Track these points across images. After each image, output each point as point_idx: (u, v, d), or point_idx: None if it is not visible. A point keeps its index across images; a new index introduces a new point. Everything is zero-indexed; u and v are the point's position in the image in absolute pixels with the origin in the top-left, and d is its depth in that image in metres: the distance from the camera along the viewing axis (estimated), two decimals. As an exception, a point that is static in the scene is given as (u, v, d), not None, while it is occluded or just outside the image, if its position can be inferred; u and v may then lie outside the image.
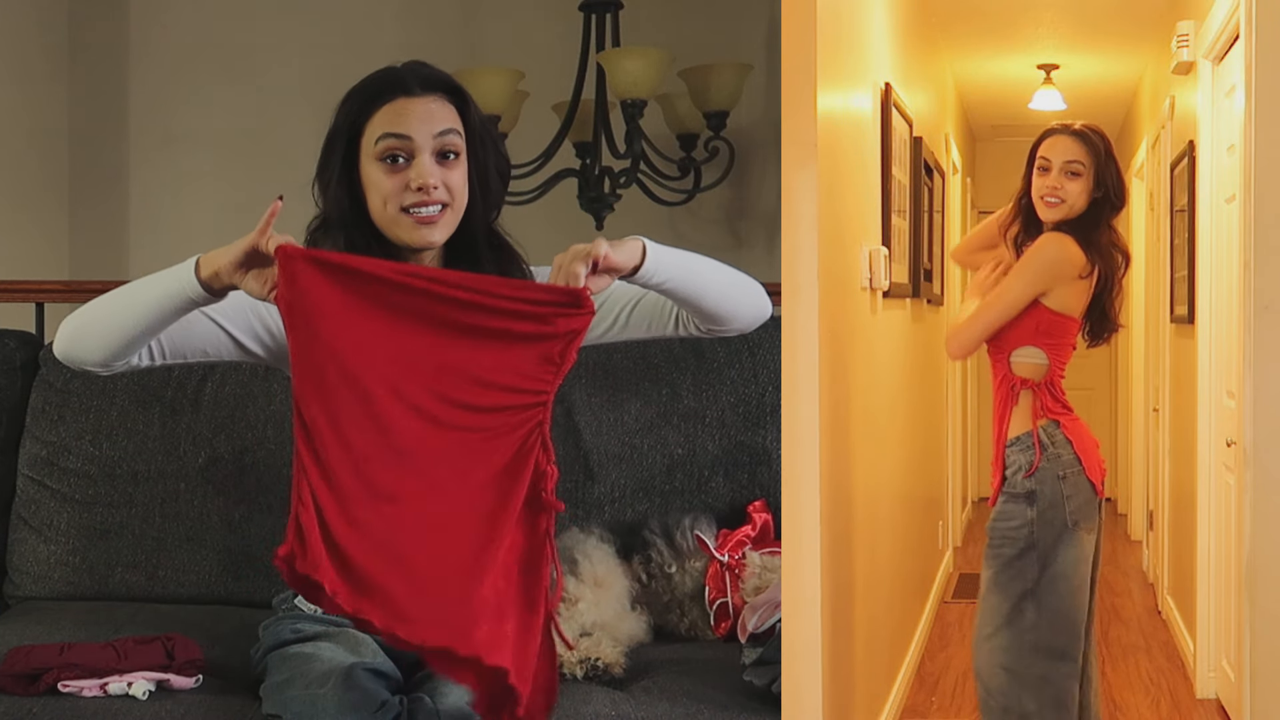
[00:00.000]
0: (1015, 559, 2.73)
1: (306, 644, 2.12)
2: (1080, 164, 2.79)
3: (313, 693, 1.97)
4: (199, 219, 4.60)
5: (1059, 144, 2.81)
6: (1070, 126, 2.84)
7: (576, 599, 2.37)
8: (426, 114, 2.06)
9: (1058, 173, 2.78)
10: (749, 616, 2.31)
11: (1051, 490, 2.72)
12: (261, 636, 2.24)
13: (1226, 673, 3.85)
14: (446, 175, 2.06)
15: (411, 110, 2.05)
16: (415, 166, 2.04)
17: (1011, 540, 2.74)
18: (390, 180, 2.04)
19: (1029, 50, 5.83)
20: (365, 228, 2.07)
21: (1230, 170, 3.65)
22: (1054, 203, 2.78)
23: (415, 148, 2.04)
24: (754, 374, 2.74)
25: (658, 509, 2.69)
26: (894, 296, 3.97)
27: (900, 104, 4.04)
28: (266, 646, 2.19)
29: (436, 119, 2.06)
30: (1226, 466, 3.74)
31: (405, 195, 2.04)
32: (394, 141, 2.04)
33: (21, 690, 2.14)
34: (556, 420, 2.72)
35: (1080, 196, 2.79)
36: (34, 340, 2.95)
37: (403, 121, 2.04)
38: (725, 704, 2.15)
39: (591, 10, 4.27)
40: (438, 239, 2.06)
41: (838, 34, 2.94)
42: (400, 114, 2.05)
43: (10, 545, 2.75)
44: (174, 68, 4.77)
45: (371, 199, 2.07)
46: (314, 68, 4.62)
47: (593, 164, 4.30)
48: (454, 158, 2.07)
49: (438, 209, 2.05)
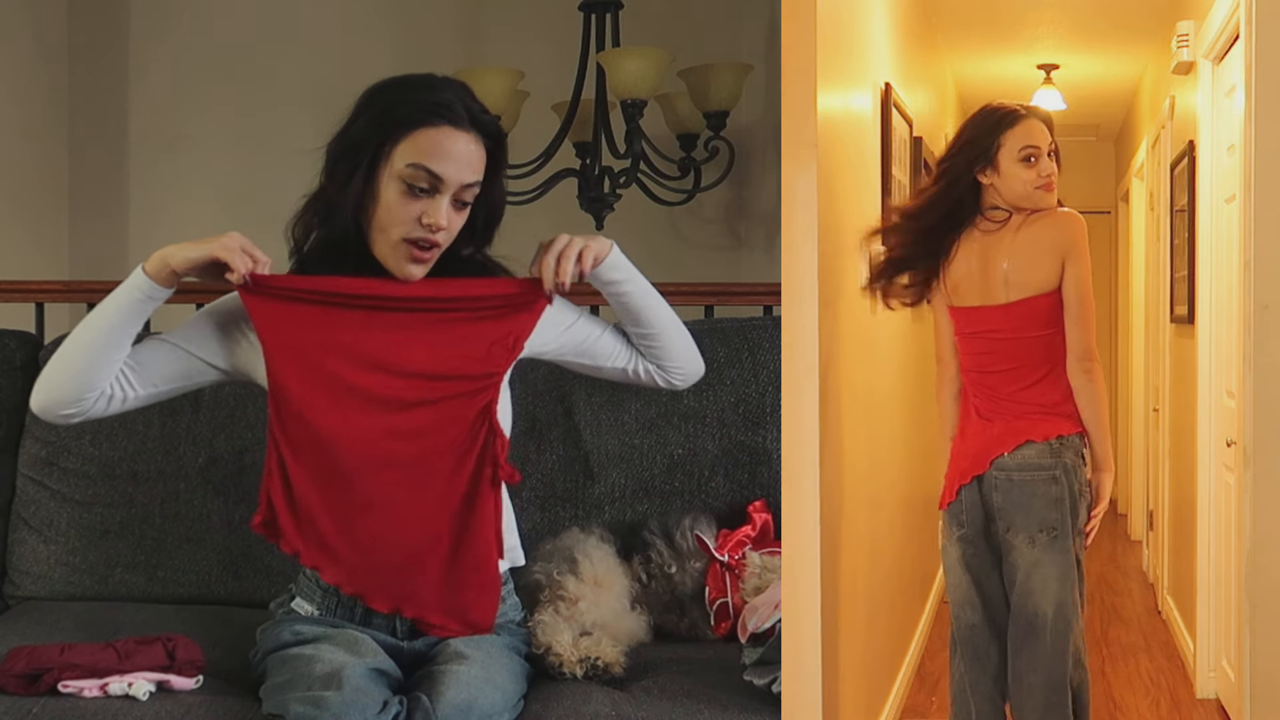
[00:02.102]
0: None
1: (306, 645, 2.12)
2: (1055, 145, 2.78)
3: (315, 694, 1.97)
4: (199, 219, 4.60)
5: (1037, 129, 2.76)
6: (1026, 107, 2.81)
7: (576, 599, 2.37)
8: (465, 159, 2.10)
9: (1046, 159, 2.75)
10: (749, 616, 2.31)
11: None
12: (259, 640, 2.24)
13: (1226, 673, 3.85)
14: (453, 218, 2.12)
15: (451, 149, 2.08)
16: (434, 206, 2.08)
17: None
18: (405, 208, 2.08)
19: (1029, 50, 5.83)
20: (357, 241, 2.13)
21: (1230, 170, 3.65)
22: (1051, 186, 2.75)
23: (442, 188, 2.08)
24: (754, 374, 2.74)
25: (658, 509, 2.68)
26: (894, 296, 3.96)
27: (900, 104, 4.04)
28: (265, 649, 2.19)
29: (470, 168, 2.11)
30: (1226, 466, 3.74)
31: (414, 229, 2.09)
32: (426, 176, 2.07)
33: (22, 690, 2.13)
34: (556, 420, 2.73)
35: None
36: (34, 340, 2.94)
37: (440, 159, 2.07)
38: (725, 704, 2.14)
39: (591, 10, 4.27)
40: (420, 275, 2.14)
41: (838, 34, 2.94)
42: (439, 149, 2.07)
43: (10, 545, 2.75)
44: (174, 69, 4.78)
45: (379, 214, 2.10)
46: (314, 69, 4.63)
47: (593, 164, 4.30)
48: (464, 206, 2.13)
49: (433, 249, 2.12)
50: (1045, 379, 2.78)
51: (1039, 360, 2.78)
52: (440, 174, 2.07)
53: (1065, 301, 2.74)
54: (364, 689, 1.97)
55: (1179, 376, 4.72)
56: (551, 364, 2.50)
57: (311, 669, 2.03)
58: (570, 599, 2.37)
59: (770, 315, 3.06)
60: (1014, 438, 2.78)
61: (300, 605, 2.22)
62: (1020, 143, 2.75)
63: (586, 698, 2.15)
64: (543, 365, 2.69)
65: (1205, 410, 4.09)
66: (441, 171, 2.07)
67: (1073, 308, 2.74)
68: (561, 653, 2.23)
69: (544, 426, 2.69)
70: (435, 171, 2.06)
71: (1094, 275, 2.80)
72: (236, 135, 4.71)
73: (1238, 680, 3.41)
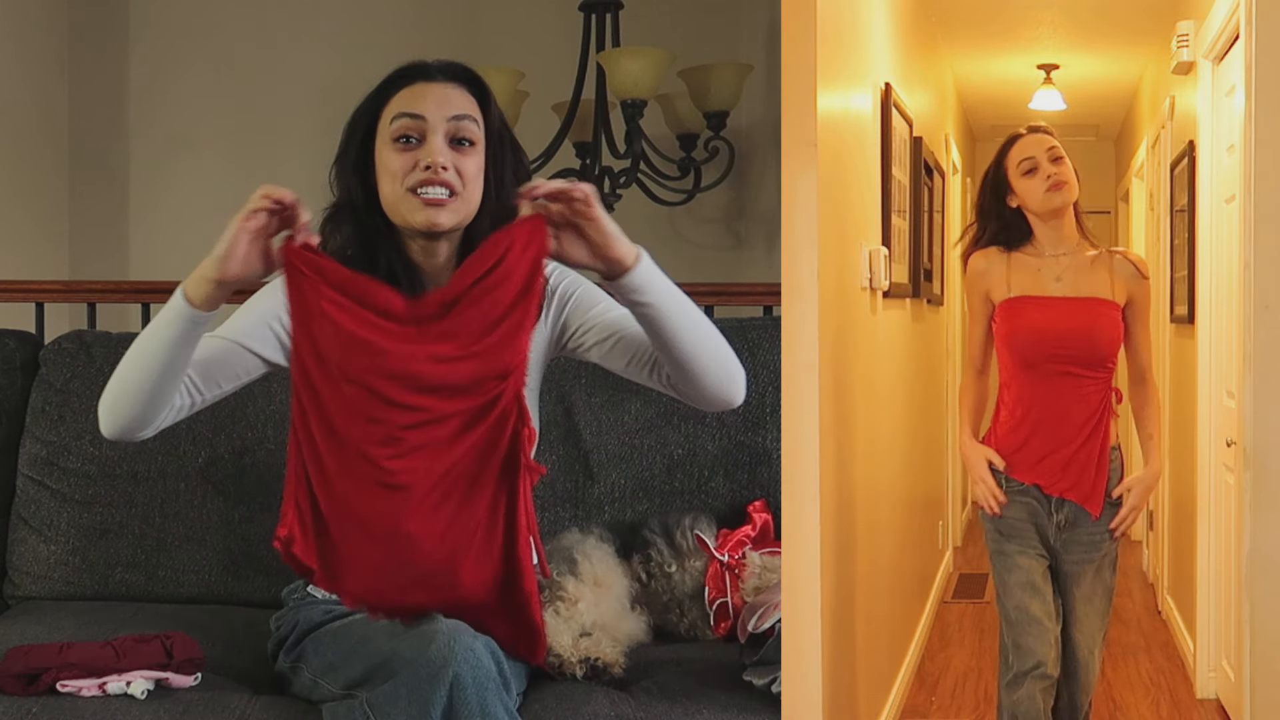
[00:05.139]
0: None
1: (350, 617, 2.09)
2: (1059, 148, 2.85)
3: (408, 641, 1.92)
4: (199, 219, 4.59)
5: (1029, 141, 2.86)
6: (1023, 129, 2.91)
7: (576, 599, 2.37)
8: (443, 97, 2.04)
9: (1047, 163, 2.82)
10: (749, 616, 2.31)
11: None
12: (278, 628, 2.22)
13: (1226, 673, 3.85)
14: (459, 160, 2.02)
15: (428, 93, 2.04)
16: (426, 146, 2.01)
17: (1113, 543, 2.92)
18: (400, 159, 2.01)
19: (1029, 50, 5.83)
20: (376, 216, 2.05)
21: (1230, 170, 3.65)
22: (1059, 184, 2.81)
23: (427, 128, 2.01)
24: (754, 374, 2.73)
25: (658, 509, 2.68)
26: (894, 296, 3.97)
27: (900, 104, 4.04)
28: (302, 631, 2.16)
29: (453, 103, 2.04)
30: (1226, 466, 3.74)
31: (413, 174, 2.00)
32: (407, 121, 2.01)
33: (20, 690, 2.13)
34: (556, 420, 2.73)
35: (1073, 175, 2.84)
36: (34, 340, 2.94)
37: (417, 103, 2.03)
38: (725, 704, 2.14)
39: (591, 10, 4.27)
40: (444, 222, 2.00)
41: (838, 34, 2.94)
42: (416, 96, 2.04)
43: (10, 545, 2.75)
44: (174, 67, 4.78)
45: (382, 182, 2.04)
46: (315, 68, 4.63)
47: (593, 164, 4.30)
48: (468, 145, 2.04)
49: (446, 193, 2.00)
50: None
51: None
52: (420, 112, 2.02)
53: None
54: (459, 625, 1.94)
55: (1179, 376, 4.71)
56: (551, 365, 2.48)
57: (376, 628, 1.99)
58: (570, 599, 2.36)
59: (770, 315, 3.06)
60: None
61: (315, 590, 2.20)
62: (1016, 159, 2.86)
63: (586, 698, 2.15)
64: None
65: (1205, 410, 4.08)
66: (421, 110, 2.02)
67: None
68: (561, 653, 2.23)
69: (544, 426, 2.69)
70: (414, 112, 2.02)
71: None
72: (236, 135, 4.71)
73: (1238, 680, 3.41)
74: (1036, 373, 2.84)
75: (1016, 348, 2.86)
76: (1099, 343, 2.83)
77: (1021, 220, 2.88)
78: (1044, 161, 2.82)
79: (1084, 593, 2.91)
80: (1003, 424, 2.90)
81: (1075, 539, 2.88)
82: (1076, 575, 2.91)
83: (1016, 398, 2.87)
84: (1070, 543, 2.88)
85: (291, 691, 2.19)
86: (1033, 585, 2.85)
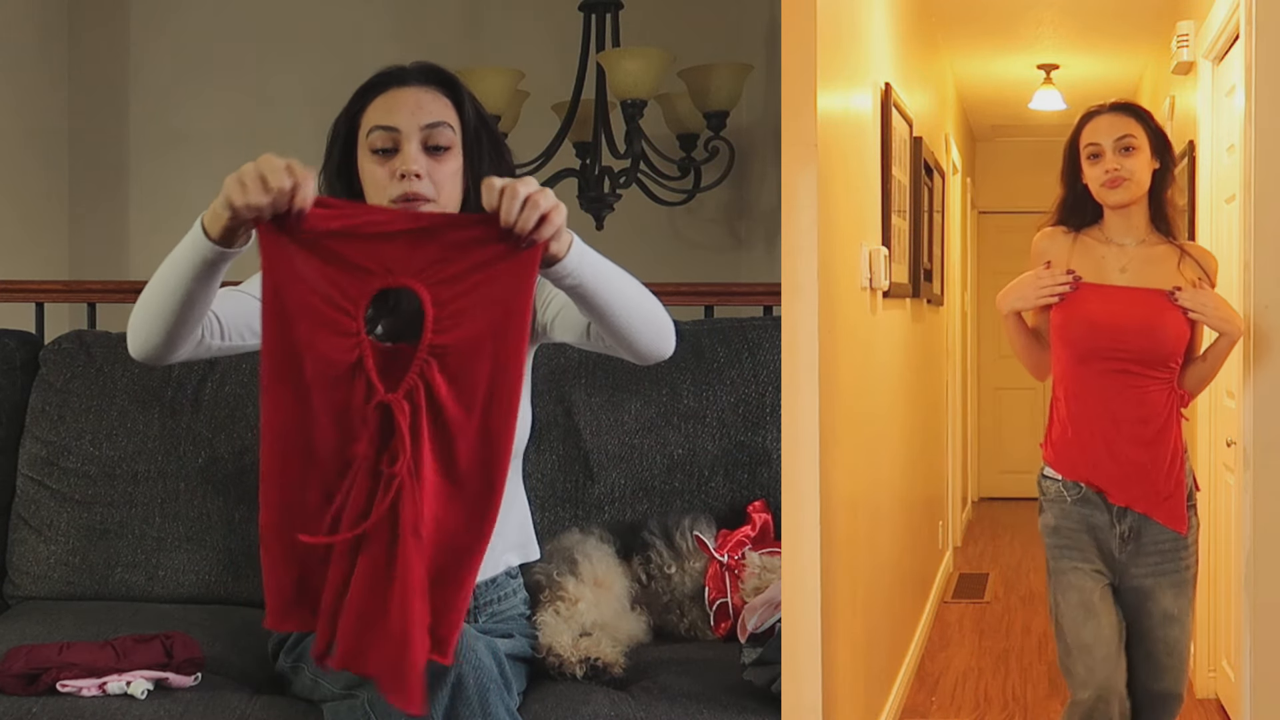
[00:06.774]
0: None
1: None
2: (1133, 137, 2.61)
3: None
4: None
5: (1103, 124, 2.64)
6: (1106, 105, 2.67)
7: (577, 599, 2.37)
8: (415, 104, 2.06)
9: (1112, 153, 2.61)
10: (749, 616, 2.31)
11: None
12: None
13: (1226, 673, 3.85)
14: (433, 167, 2.05)
15: (401, 100, 2.06)
16: (401, 154, 2.04)
17: (1195, 554, 2.70)
18: (380, 171, 2.05)
19: (1029, 50, 5.84)
20: None
21: (1230, 170, 3.65)
22: (1117, 182, 2.61)
23: (401, 138, 2.04)
24: (754, 374, 2.74)
25: (657, 509, 2.68)
26: (894, 296, 3.97)
27: (900, 104, 4.04)
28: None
29: (425, 110, 2.06)
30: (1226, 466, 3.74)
31: (393, 185, 2.03)
32: (381, 134, 2.05)
33: (20, 690, 2.14)
34: (556, 420, 2.73)
35: (1144, 170, 2.63)
36: (34, 340, 2.95)
37: (390, 113, 2.06)
38: (725, 704, 2.14)
39: (591, 10, 4.27)
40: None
41: (838, 34, 2.94)
42: (390, 105, 2.06)
43: (10, 545, 2.75)
44: (174, 68, 4.78)
45: (367, 191, 2.07)
46: (314, 68, 4.63)
47: (593, 164, 4.30)
48: (444, 151, 2.06)
49: (423, 202, 2.03)
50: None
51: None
52: (393, 124, 2.04)
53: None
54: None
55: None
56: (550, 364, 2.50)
57: None
58: (570, 599, 2.37)
59: (770, 315, 3.06)
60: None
61: None
62: (1085, 141, 2.66)
63: (586, 698, 2.15)
64: (542, 365, 2.70)
65: (1205, 410, 4.08)
66: (393, 121, 2.05)
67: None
68: (561, 653, 2.23)
69: (544, 426, 2.69)
70: (388, 125, 2.05)
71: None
72: (236, 134, 4.71)
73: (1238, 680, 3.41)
74: (1089, 369, 2.62)
75: (1070, 339, 2.63)
76: (1161, 340, 2.61)
77: (1091, 199, 2.67)
78: (1109, 151, 2.61)
79: (1160, 612, 2.66)
80: (1056, 423, 2.67)
81: (1144, 549, 2.63)
82: (1150, 590, 2.65)
83: (1069, 393, 2.66)
84: (1138, 554, 2.64)
85: (292, 691, 2.19)
86: (1088, 607, 2.61)
